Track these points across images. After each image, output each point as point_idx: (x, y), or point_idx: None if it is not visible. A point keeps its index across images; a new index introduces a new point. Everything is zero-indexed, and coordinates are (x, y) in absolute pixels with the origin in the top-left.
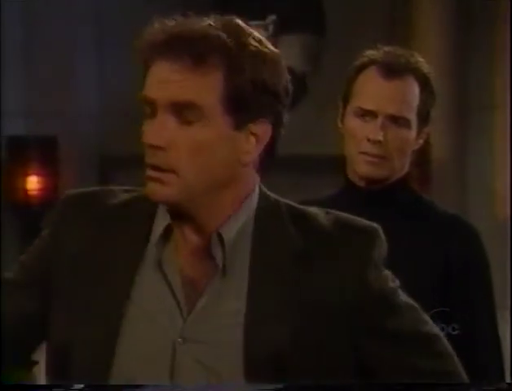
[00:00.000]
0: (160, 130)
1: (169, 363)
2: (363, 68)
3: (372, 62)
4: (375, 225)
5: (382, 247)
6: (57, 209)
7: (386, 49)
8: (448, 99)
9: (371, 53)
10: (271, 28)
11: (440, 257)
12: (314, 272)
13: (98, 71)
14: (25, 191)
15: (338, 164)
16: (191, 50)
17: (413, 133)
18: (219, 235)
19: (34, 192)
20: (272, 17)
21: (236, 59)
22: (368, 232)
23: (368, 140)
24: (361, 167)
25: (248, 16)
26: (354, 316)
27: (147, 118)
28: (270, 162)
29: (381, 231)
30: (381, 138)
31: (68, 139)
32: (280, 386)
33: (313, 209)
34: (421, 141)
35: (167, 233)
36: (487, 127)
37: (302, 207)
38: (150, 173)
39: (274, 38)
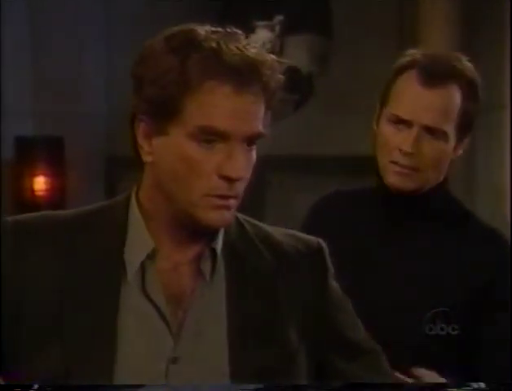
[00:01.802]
0: (241, 163)
1: (163, 383)
2: (403, 70)
3: (412, 64)
4: (320, 239)
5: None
6: (9, 238)
7: (430, 51)
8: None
9: (413, 53)
10: (277, 28)
11: (471, 269)
12: (283, 284)
13: (105, 71)
14: (32, 191)
15: (345, 164)
16: (261, 82)
17: (451, 145)
18: (212, 250)
19: (41, 193)
20: (279, 17)
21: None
22: (321, 246)
23: (400, 150)
24: (390, 177)
25: (255, 17)
26: (320, 324)
27: (201, 145)
28: None
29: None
30: (413, 150)
31: (75, 140)
32: (260, 386)
33: (265, 225)
34: (460, 151)
35: (149, 257)
36: (496, 126)
37: (257, 222)
38: (218, 202)
39: (280, 39)
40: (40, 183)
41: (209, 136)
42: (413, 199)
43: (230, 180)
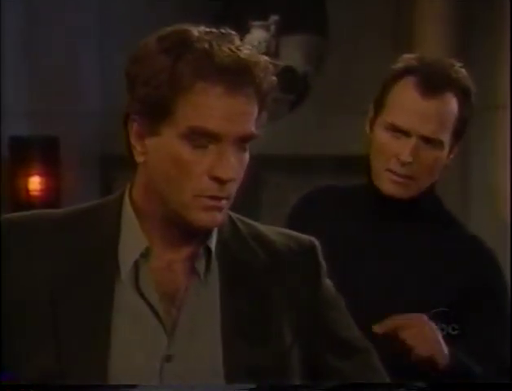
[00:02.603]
0: (232, 164)
1: (157, 382)
2: (399, 76)
3: (409, 71)
4: (312, 238)
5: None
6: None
7: (426, 59)
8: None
9: (408, 58)
10: (273, 28)
11: (454, 274)
12: (276, 283)
13: (100, 71)
14: (27, 191)
15: (340, 164)
16: (254, 83)
17: (446, 152)
18: (207, 248)
19: (36, 193)
20: (274, 17)
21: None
22: (314, 244)
23: (398, 159)
24: (386, 185)
25: (250, 17)
26: (314, 323)
27: (192, 146)
28: None
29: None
30: (411, 159)
31: (70, 140)
32: (253, 386)
33: (258, 224)
34: (452, 156)
35: (142, 255)
36: (490, 127)
37: (250, 221)
38: (209, 202)
39: (276, 38)
40: (35, 183)
41: (201, 137)
42: (403, 200)
43: (221, 181)
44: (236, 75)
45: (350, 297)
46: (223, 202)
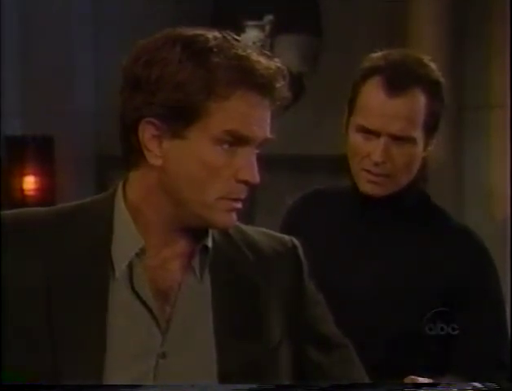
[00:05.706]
0: (256, 168)
1: (151, 380)
2: (367, 76)
3: (376, 70)
4: (293, 238)
5: None
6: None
7: (392, 56)
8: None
9: (375, 57)
10: (267, 28)
11: (445, 268)
12: (263, 282)
13: (95, 70)
14: (22, 190)
15: (336, 164)
16: (276, 90)
17: (420, 147)
18: (205, 247)
19: (31, 192)
20: (269, 17)
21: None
22: (295, 244)
23: (370, 160)
24: (364, 186)
25: (245, 16)
26: (299, 320)
27: (223, 149)
28: None
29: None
30: (383, 158)
31: (64, 139)
32: (254, 386)
33: (239, 223)
34: (429, 148)
35: (137, 254)
36: (484, 127)
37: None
38: (232, 204)
39: (270, 38)
40: (30, 183)
41: (233, 140)
42: (388, 198)
43: (247, 184)
44: (269, 82)
45: (339, 297)
46: (241, 203)
